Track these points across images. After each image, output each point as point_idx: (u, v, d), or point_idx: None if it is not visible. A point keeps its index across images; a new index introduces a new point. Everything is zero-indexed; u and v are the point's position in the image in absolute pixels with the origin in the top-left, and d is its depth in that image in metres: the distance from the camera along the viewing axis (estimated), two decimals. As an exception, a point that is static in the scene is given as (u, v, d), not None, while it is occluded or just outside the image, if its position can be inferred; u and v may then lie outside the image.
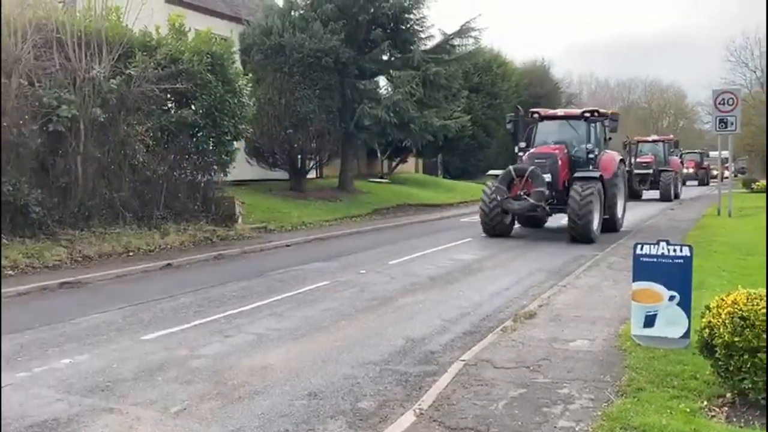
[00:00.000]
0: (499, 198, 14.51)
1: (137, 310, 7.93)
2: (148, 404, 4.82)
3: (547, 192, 14.29)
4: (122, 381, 5.33)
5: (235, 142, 15.98)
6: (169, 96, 14.49)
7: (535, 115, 16.46)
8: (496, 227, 14.95)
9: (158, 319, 7.49)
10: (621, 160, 16.56)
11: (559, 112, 17.42)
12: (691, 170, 45.46)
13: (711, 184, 45.91)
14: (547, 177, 14.42)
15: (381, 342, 6.45)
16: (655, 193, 28.96)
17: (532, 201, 14.17)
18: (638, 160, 29.65)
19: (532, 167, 14.42)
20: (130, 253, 11.84)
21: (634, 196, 26.43)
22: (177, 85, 13.76)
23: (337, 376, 5.42)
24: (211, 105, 14.42)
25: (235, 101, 15.07)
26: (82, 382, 5.31)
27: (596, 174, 14.87)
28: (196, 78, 14.03)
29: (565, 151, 15.44)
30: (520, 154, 15.78)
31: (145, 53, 13.37)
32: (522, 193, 14.35)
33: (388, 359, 5.88)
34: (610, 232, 15.31)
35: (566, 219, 14.67)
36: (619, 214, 16.38)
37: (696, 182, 45.65)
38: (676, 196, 29.37)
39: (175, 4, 21.00)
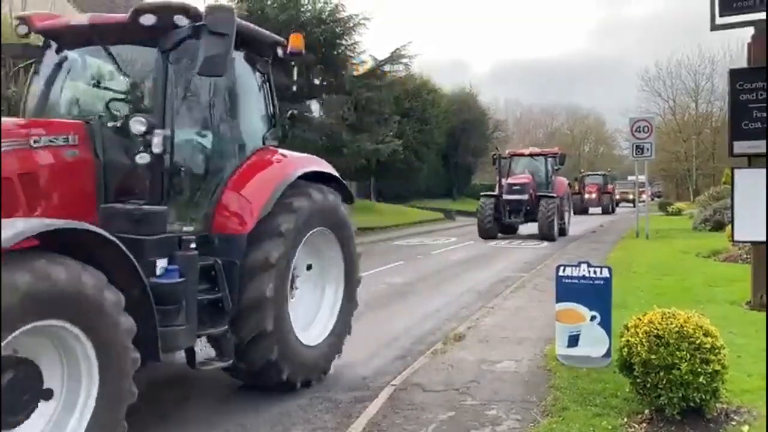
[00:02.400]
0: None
1: None
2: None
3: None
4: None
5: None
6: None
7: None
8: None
9: None
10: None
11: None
12: (592, 195, 42.22)
13: (617, 211, 42.90)
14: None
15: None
16: (533, 227, 21.53)
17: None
18: (510, 181, 22.18)
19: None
20: None
21: (505, 230, 21.80)
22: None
23: (265, 405, 5.29)
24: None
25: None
26: None
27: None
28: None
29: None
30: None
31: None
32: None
33: (318, 387, 5.79)
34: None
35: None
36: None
37: (599, 209, 41.38)
38: (561, 233, 21.59)
39: (99, 23, 20.43)
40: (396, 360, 6.74)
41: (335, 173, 6.12)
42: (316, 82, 24.12)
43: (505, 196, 21.34)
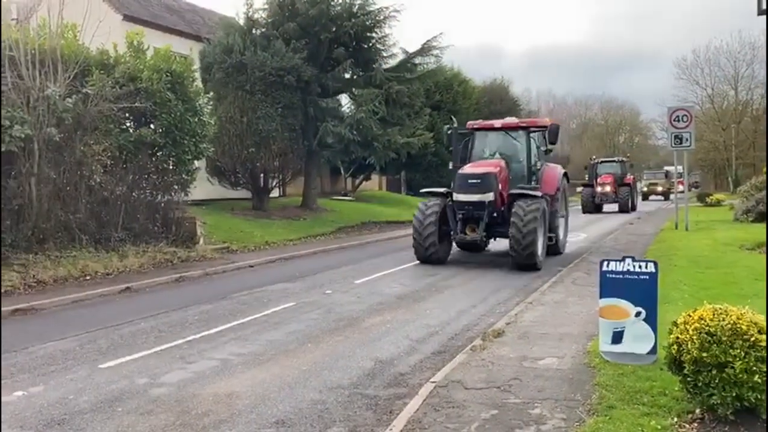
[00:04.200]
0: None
1: (95, 336, 7.64)
2: (107, 438, 4.60)
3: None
4: (79, 413, 5.09)
5: (195, 162, 15.74)
6: (127, 115, 14.21)
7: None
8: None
9: (117, 345, 7.22)
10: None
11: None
12: (606, 188, 32.51)
13: (645, 206, 36.07)
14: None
15: (349, 365, 6.33)
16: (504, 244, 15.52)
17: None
18: (465, 170, 14.12)
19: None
20: (87, 277, 11.47)
21: (465, 247, 15.48)
22: (136, 104, 13.50)
23: (305, 401, 5.28)
24: (171, 124, 14.18)
25: (196, 120, 14.87)
26: (36, 415, 5.05)
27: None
28: (155, 96, 13.80)
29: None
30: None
31: (102, 71, 13.09)
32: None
33: (357, 382, 5.77)
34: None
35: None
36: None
37: (615, 206, 32.54)
38: (554, 251, 14.41)
39: (133, 21, 20.73)
40: (434, 356, 6.66)
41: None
42: (347, 76, 24.08)
43: (457, 196, 12.97)
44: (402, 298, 9.93)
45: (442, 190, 14.09)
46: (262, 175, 22.15)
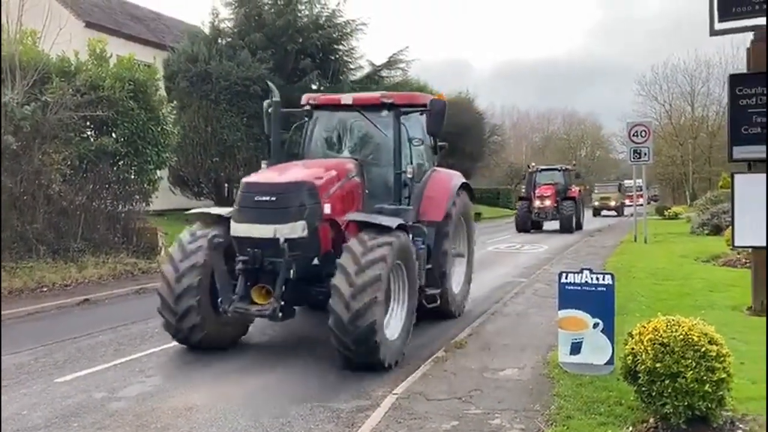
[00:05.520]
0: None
1: (51, 350, 7.45)
2: (62, 454, 4.50)
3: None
4: (33, 429, 4.96)
5: (158, 171, 15.54)
6: (88, 123, 13.98)
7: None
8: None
9: (74, 359, 7.06)
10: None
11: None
12: (545, 202, 27.02)
13: (588, 224, 30.36)
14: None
15: (313, 378, 6.30)
16: None
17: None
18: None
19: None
20: (44, 289, 11.18)
21: None
22: (97, 113, 13.28)
23: (267, 415, 5.24)
24: (133, 133, 14.00)
25: (159, 129, 14.71)
26: (-14, 432, 4.89)
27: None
28: (117, 105, 13.62)
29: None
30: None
31: (62, 79, 12.86)
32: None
33: (321, 395, 5.75)
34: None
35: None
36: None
37: (557, 223, 27.09)
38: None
39: (96, 29, 20.44)
40: (397, 368, 6.68)
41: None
42: (314, 87, 24.11)
43: (234, 228, 6.67)
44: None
45: (225, 211, 7.38)
46: (225, 185, 21.98)
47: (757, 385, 5.11)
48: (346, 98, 8.47)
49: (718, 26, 8.24)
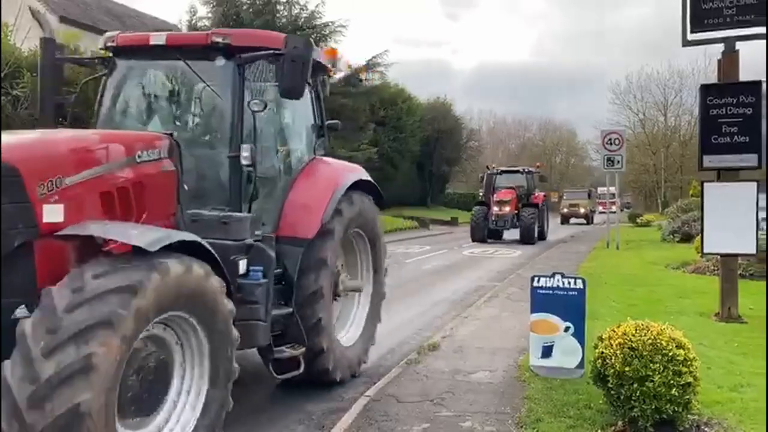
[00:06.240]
0: None
1: None
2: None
3: None
4: None
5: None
6: (60, 120, 13.73)
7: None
8: None
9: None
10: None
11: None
12: (505, 208, 23.78)
13: (553, 233, 27.81)
14: None
15: (283, 383, 6.24)
16: None
17: None
18: None
19: None
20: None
21: None
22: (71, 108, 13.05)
23: (236, 418, 5.18)
24: (107, 130, 13.78)
25: (134, 127, 14.51)
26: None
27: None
28: (91, 101, 13.39)
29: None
30: None
31: (34, 74, 12.62)
32: None
33: (291, 397, 5.71)
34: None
35: None
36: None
37: (516, 232, 24.03)
38: None
39: (71, 24, 20.14)
40: (369, 370, 6.67)
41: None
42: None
43: None
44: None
45: None
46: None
47: (723, 390, 5.21)
48: (158, 38, 5.33)
49: (690, 37, 8.40)
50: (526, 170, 27.41)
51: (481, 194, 26.71)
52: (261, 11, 21.98)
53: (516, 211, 24.14)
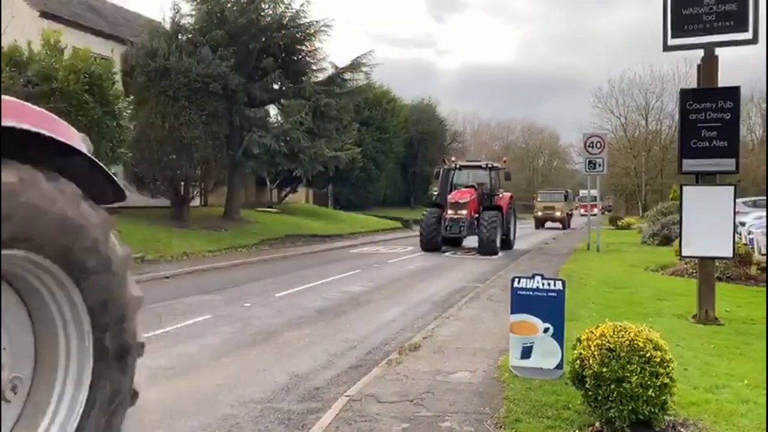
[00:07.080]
0: None
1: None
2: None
3: None
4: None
5: (112, 167, 15.17)
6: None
7: None
8: None
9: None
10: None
11: None
12: (462, 211, 19.89)
13: (522, 242, 24.11)
14: None
15: (264, 379, 6.23)
16: None
17: None
18: None
19: None
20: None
21: None
22: (50, 105, 12.89)
23: (216, 416, 5.15)
24: (87, 127, 13.60)
25: (114, 124, 14.36)
26: None
27: None
28: (71, 98, 13.24)
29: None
30: None
31: (13, 69, 12.46)
32: None
33: (271, 397, 5.69)
34: None
35: None
36: None
37: (454, 244, 21.35)
38: None
39: (52, 19, 19.87)
40: (350, 370, 6.66)
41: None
42: (276, 87, 23.93)
43: None
44: (323, 311, 9.87)
45: None
46: (182, 183, 21.59)
47: (699, 391, 5.27)
48: None
49: (671, 42, 8.49)
50: (490, 165, 22.94)
51: (435, 193, 22.27)
52: (245, 9, 21.85)
53: (476, 215, 20.23)
